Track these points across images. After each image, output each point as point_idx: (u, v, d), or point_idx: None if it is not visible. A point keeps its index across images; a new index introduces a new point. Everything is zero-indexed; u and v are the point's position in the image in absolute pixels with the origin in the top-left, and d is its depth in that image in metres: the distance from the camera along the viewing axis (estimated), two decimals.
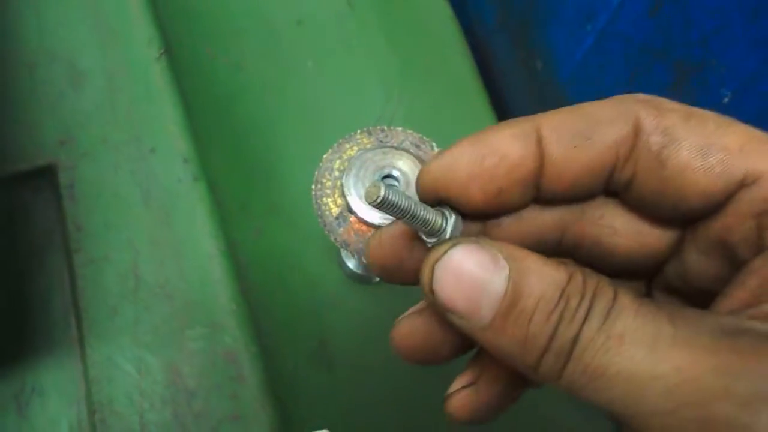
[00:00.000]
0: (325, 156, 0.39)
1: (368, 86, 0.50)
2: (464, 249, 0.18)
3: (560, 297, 0.17)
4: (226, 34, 0.50)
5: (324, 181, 0.38)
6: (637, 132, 0.19)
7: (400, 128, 0.40)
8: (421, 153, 0.39)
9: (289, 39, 0.50)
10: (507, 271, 0.18)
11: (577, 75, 0.43)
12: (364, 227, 0.37)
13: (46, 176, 0.41)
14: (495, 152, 0.20)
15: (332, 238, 0.37)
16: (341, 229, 0.37)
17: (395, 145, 0.39)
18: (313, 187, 0.38)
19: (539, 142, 0.19)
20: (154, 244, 0.40)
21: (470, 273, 0.18)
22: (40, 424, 0.38)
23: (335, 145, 0.39)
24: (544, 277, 0.17)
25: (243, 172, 0.46)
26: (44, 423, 0.38)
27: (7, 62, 0.43)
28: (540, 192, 0.20)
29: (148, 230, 0.41)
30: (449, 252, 0.18)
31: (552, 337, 0.17)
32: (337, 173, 0.38)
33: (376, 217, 0.37)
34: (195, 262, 0.40)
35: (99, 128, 0.42)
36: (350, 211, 0.37)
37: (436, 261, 0.18)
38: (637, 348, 0.16)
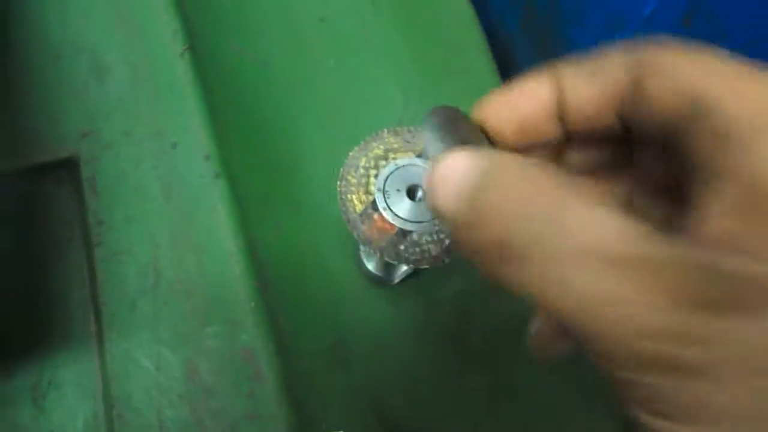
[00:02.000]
0: (351, 153, 0.39)
1: (389, 85, 0.49)
2: (454, 154, 0.19)
3: (534, 194, 0.17)
4: (251, 29, 0.49)
5: (349, 177, 0.38)
6: (640, 65, 0.20)
7: None
8: None
9: (312, 36, 0.50)
10: (483, 166, 0.18)
11: None
12: (388, 225, 0.37)
13: (68, 168, 0.41)
14: (519, 89, 0.23)
15: (355, 235, 0.37)
16: (365, 226, 0.37)
17: (423, 146, 0.39)
18: (338, 182, 0.38)
19: (558, 80, 0.22)
20: (174, 240, 0.40)
21: (453, 172, 0.19)
22: (57, 418, 0.38)
23: (362, 142, 0.39)
24: (518, 170, 0.18)
25: (264, 169, 0.46)
26: (61, 416, 0.38)
27: (32, 53, 0.43)
28: (567, 127, 0.23)
29: (168, 225, 0.40)
30: (443, 156, 0.19)
31: (523, 232, 0.17)
32: (362, 170, 0.38)
33: (399, 217, 0.37)
34: (215, 259, 0.40)
35: (122, 121, 0.42)
36: (375, 208, 0.37)
37: (434, 167, 0.19)
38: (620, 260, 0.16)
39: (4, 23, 0.43)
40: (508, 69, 0.53)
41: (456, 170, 0.19)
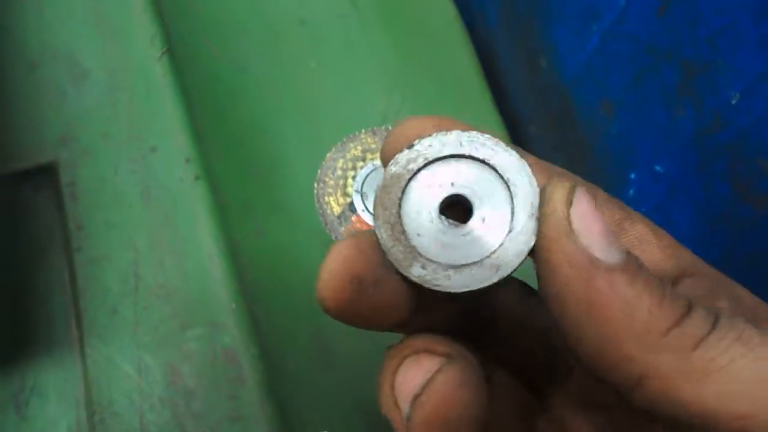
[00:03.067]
0: (328, 155, 0.38)
1: (371, 85, 0.49)
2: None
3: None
4: (229, 32, 0.49)
5: (326, 179, 0.38)
6: None
7: None
8: None
9: (292, 38, 0.50)
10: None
11: (581, 75, 0.43)
12: (366, 227, 0.37)
13: (47, 174, 0.41)
14: None
15: (333, 237, 0.36)
16: (343, 228, 0.37)
17: None
18: (315, 185, 0.38)
19: None
20: (154, 244, 0.40)
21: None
22: (39, 425, 0.38)
23: (339, 144, 0.39)
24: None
25: (245, 172, 0.45)
26: (43, 423, 0.38)
27: (9, 60, 0.43)
28: None
29: (148, 230, 0.40)
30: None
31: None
32: (340, 172, 0.38)
33: None
34: (195, 262, 0.40)
35: (100, 126, 0.42)
36: (352, 210, 0.37)
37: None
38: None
39: None
40: (489, 63, 0.52)
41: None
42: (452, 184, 0.17)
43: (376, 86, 0.49)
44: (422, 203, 0.18)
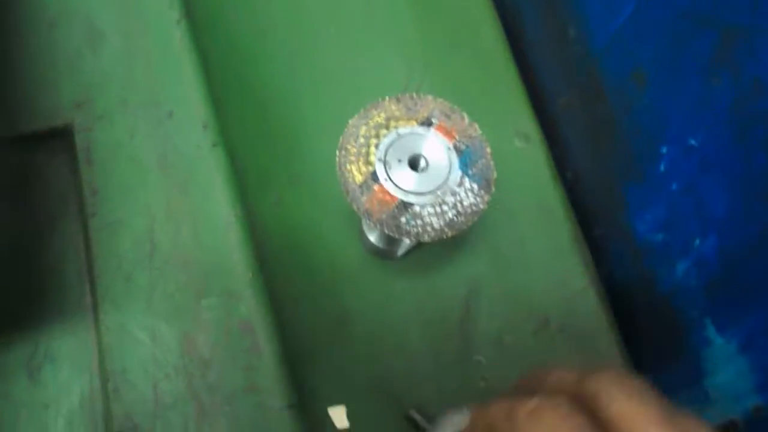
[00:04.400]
0: (350, 121, 0.37)
1: (392, 54, 0.48)
2: None
3: None
4: None
5: (349, 147, 0.37)
6: None
7: (430, 96, 0.38)
8: (451, 123, 0.37)
9: (312, 3, 0.49)
10: None
11: (613, 44, 0.41)
12: (388, 197, 0.36)
13: (62, 138, 0.40)
14: None
15: (354, 207, 0.35)
16: (364, 198, 0.36)
17: (426, 115, 0.37)
18: (337, 152, 0.36)
19: None
20: (170, 211, 0.39)
21: None
22: (52, 391, 0.37)
23: (362, 110, 0.38)
24: None
25: (263, 140, 0.44)
26: (56, 389, 0.37)
27: (26, 21, 0.42)
28: None
29: (164, 196, 0.39)
30: None
31: None
32: (362, 140, 0.37)
33: (401, 188, 0.36)
34: (212, 230, 0.39)
35: (117, 90, 0.41)
36: (375, 179, 0.36)
37: None
38: None
39: None
40: (515, 32, 0.51)
41: None
42: None
43: (398, 54, 0.48)
44: None
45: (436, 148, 0.37)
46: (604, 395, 0.25)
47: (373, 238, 0.41)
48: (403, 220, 0.35)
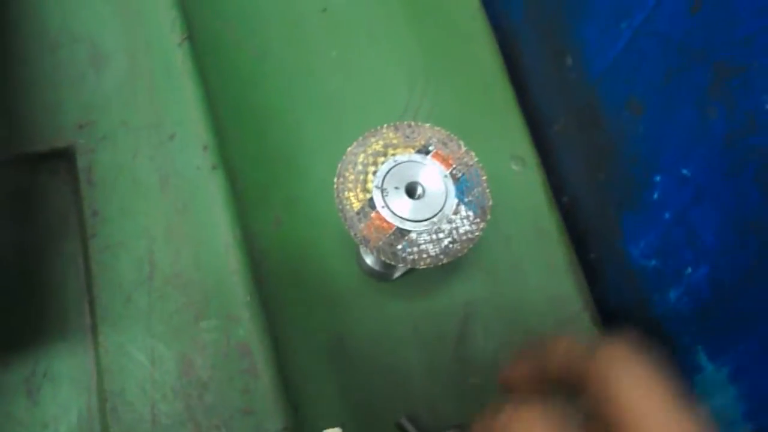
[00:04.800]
0: (349, 149, 0.38)
1: (392, 78, 0.49)
2: None
3: None
4: (250, 19, 0.49)
5: (347, 174, 0.37)
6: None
7: (427, 125, 0.39)
8: (448, 151, 0.38)
9: (314, 27, 0.49)
10: None
11: (609, 73, 0.42)
12: (385, 224, 0.36)
13: (64, 159, 0.41)
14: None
15: (352, 234, 0.36)
16: (362, 225, 0.36)
17: (423, 143, 0.38)
18: (335, 180, 0.37)
19: None
20: (170, 232, 0.40)
21: None
22: (51, 410, 0.38)
23: (360, 138, 0.38)
24: None
25: (263, 162, 0.45)
26: (55, 409, 0.38)
27: (30, 42, 0.42)
28: None
29: (164, 218, 0.40)
30: None
31: None
32: (360, 167, 0.37)
33: (397, 215, 0.36)
34: (211, 252, 0.40)
35: (119, 112, 0.42)
36: (372, 206, 0.36)
37: None
38: None
39: (3, 11, 0.43)
40: (513, 58, 0.52)
41: None
42: None
43: (398, 78, 0.49)
44: None
45: (432, 175, 0.37)
46: (613, 382, 0.25)
47: (369, 260, 0.42)
48: (399, 247, 0.36)
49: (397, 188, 0.37)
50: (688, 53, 0.35)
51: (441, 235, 0.36)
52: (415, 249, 0.36)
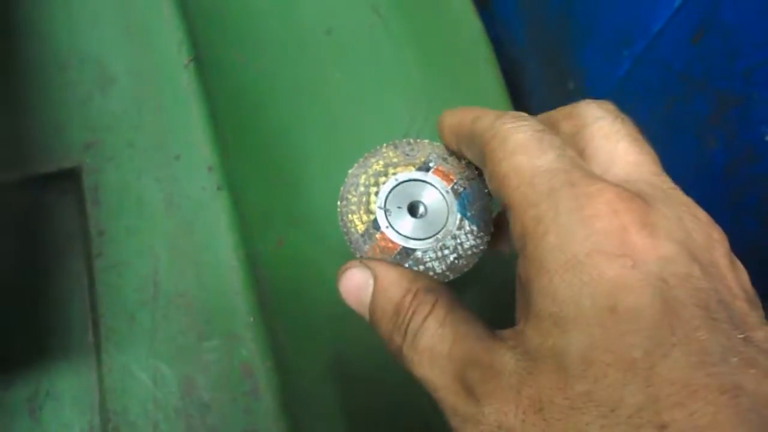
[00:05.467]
0: (350, 171, 0.38)
1: (395, 100, 0.49)
2: (354, 268, 0.29)
3: (394, 312, 0.27)
4: (256, 41, 0.49)
5: (349, 197, 0.37)
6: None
7: (426, 141, 0.39)
8: (449, 166, 0.38)
9: (318, 48, 0.50)
10: (371, 288, 0.28)
11: (610, 99, 0.42)
12: (390, 244, 0.36)
13: (70, 179, 0.41)
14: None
15: (357, 255, 0.36)
16: (367, 247, 0.36)
17: (423, 160, 0.38)
18: (338, 203, 0.37)
19: None
20: (174, 252, 0.40)
21: (354, 285, 0.29)
22: (53, 429, 0.38)
23: (360, 159, 0.39)
24: (390, 294, 0.27)
25: (267, 182, 0.45)
26: (57, 428, 0.38)
27: (38, 62, 0.43)
28: None
29: (169, 238, 0.40)
30: (348, 269, 0.30)
31: (391, 340, 0.27)
32: (362, 188, 0.38)
33: (402, 234, 0.36)
34: (215, 273, 0.40)
35: (125, 133, 0.42)
36: (376, 227, 0.37)
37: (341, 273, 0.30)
38: (432, 361, 0.24)
39: (12, 31, 0.44)
40: (515, 82, 0.52)
41: (356, 286, 0.29)
42: None
43: (400, 100, 0.49)
44: None
45: (434, 192, 0.38)
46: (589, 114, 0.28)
47: None
48: (405, 265, 0.36)
49: (399, 207, 0.37)
50: (689, 82, 0.36)
51: (446, 252, 0.36)
52: (422, 267, 0.36)
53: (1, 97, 0.42)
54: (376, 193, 0.37)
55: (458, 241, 0.37)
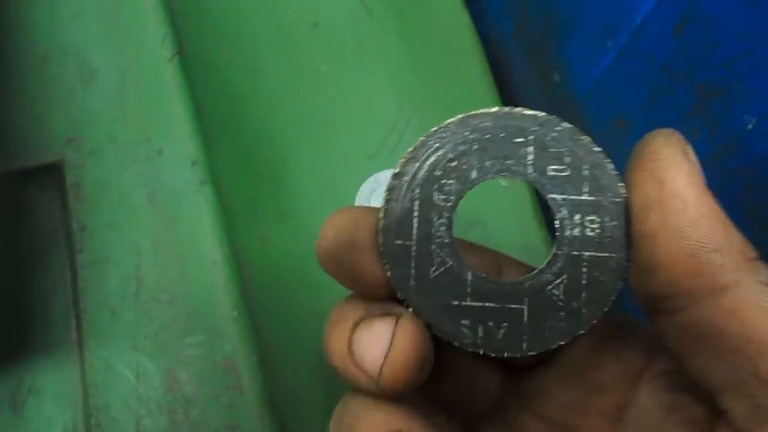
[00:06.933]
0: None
1: (381, 93, 0.49)
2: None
3: None
4: (241, 34, 0.49)
5: None
6: None
7: None
8: None
9: (305, 42, 0.50)
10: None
11: (595, 92, 0.42)
12: None
13: (52, 174, 0.41)
14: None
15: None
16: None
17: None
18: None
19: None
20: (157, 248, 0.40)
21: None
22: (35, 425, 0.38)
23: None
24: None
25: (251, 177, 0.45)
26: (39, 424, 0.38)
27: (19, 55, 0.43)
28: None
29: (152, 233, 0.40)
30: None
31: None
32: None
33: None
34: (198, 268, 0.40)
35: (108, 127, 0.42)
36: None
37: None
38: None
39: None
40: (503, 75, 0.52)
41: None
42: None
43: (387, 94, 0.49)
44: None
45: None
46: None
47: None
48: None
49: None
50: (671, 74, 0.36)
51: None
52: None
53: None
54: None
55: None
